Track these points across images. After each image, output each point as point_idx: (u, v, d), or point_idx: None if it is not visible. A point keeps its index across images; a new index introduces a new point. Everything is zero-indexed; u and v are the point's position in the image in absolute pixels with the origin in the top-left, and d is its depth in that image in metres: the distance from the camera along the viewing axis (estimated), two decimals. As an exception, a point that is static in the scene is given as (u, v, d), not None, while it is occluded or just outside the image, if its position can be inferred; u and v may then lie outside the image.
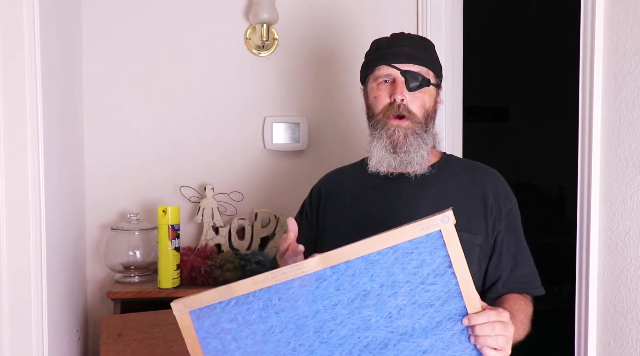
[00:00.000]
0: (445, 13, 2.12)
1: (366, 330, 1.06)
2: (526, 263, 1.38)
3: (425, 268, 1.05)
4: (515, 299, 1.32)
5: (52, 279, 1.51)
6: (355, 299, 1.06)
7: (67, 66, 1.85)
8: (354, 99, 2.19)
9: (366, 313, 1.06)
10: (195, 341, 1.07)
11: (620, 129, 1.40)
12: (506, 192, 1.40)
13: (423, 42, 1.44)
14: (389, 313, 1.06)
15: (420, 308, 1.06)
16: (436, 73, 1.42)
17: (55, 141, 1.60)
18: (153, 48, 2.09)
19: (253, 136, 2.15)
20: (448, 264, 1.04)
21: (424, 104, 1.38)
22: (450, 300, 1.06)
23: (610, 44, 1.43)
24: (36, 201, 1.39)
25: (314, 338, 1.07)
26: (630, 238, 1.38)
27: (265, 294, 1.05)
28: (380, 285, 1.05)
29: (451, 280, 1.05)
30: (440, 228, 1.03)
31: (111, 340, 1.63)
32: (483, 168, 1.44)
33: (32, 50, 1.37)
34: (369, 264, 1.05)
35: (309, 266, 1.04)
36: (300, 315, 1.06)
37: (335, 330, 1.06)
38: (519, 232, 1.39)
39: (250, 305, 1.06)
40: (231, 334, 1.07)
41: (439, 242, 1.04)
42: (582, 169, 1.51)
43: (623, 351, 1.39)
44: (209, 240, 2.07)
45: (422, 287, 1.05)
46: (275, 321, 1.06)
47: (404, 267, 1.05)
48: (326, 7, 2.17)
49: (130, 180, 2.09)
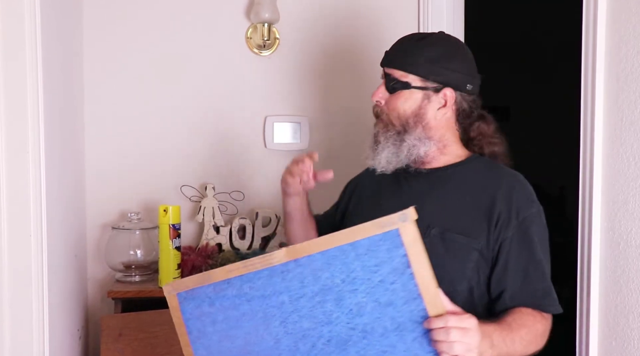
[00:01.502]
0: (446, 12, 2.11)
1: (328, 324, 1.07)
2: (539, 277, 1.30)
3: (384, 267, 1.04)
4: (522, 314, 1.26)
5: (53, 278, 1.51)
6: (317, 293, 1.07)
7: (68, 65, 1.85)
8: (355, 98, 2.19)
9: (328, 308, 1.07)
10: (181, 322, 1.17)
11: (622, 129, 1.40)
12: (522, 200, 1.32)
13: (417, 44, 1.39)
14: (350, 310, 1.06)
15: (380, 307, 1.05)
16: (423, 76, 1.37)
17: (56, 140, 1.60)
18: (154, 48, 2.09)
19: (254, 135, 2.15)
20: (407, 264, 1.03)
21: (396, 108, 1.39)
22: (411, 301, 1.04)
23: (613, 44, 1.43)
24: (37, 200, 1.39)
25: (280, 328, 1.09)
26: (632, 238, 1.37)
27: (238, 282, 1.11)
28: (342, 280, 1.06)
29: (410, 280, 1.03)
30: (398, 227, 1.02)
31: (112, 339, 1.63)
32: (504, 174, 1.38)
33: (33, 49, 1.37)
34: (330, 259, 1.06)
35: (276, 257, 1.08)
36: (268, 305, 1.10)
37: (299, 322, 1.08)
38: (532, 244, 1.31)
39: (225, 291, 1.12)
40: (210, 317, 1.14)
41: (397, 241, 1.03)
42: (583, 169, 1.51)
43: (625, 351, 1.39)
44: (209, 240, 2.07)
45: (382, 286, 1.04)
46: (246, 309, 1.11)
47: (364, 264, 1.05)
48: (327, 6, 2.16)
49: (131, 180, 2.09)
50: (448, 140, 1.42)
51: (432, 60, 1.37)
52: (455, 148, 1.43)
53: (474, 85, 1.41)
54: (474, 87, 1.41)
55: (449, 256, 1.32)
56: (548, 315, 1.30)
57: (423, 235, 1.33)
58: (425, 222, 1.35)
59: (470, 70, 1.41)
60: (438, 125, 1.40)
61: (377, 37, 2.17)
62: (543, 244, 1.33)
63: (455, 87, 1.38)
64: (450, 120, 1.41)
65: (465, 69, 1.40)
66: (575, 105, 1.53)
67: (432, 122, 1.39)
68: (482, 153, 1.45)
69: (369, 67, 2.16)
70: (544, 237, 1.34)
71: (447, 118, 1.40)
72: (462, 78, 1.38)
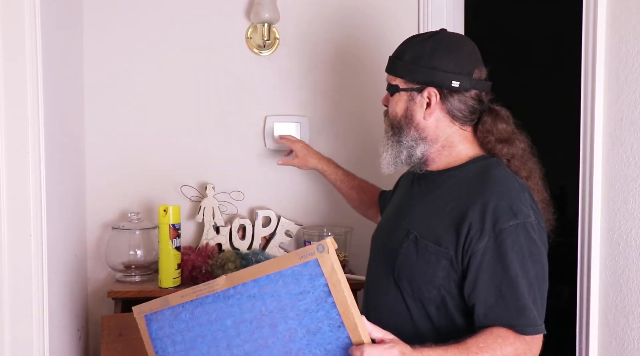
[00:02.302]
0: (446, 12, 2.11)
1: (265, 348, 1.13)
2: (512, 296, 1.20)
3: (308, 296, 1.08)
4: (490, 335, 1.19)
5: (53, 278, 1.51)
6: (255, 318, 1.13)
7: (68, 65, 1.85)
8: (355, 98, 2.19)
9: (265, 333, 1.13)
10: (148, 341, 1.27)
11: (622, 129, 1.40)
12: (503, 211, 1.22)
13: (402, 47, 1.42)
14: (283, 335, 1.11)
15: (310, 334, 1.09)
16: (404, 77, 1.37)
17: (56, 140, 1.60)
18: (154, 48, 2.09)
19: (254, 135, 2.15)
20: (328, 293, 1.07)
21: (391, 111, 1.43)
22: (335, 329, 1.08)
23: (613, 43, 1.43)
24: (37, 200, 1.39)
25: (227, 351, 1.17)
26: (632, 238, 1.37)
27: (190, 306, 1.19)
28: (274, 307, 1.11)
29: (332, 309, 1.07)
30: (317, 257, 1.06)
31: (112, 339, 1.64)
32: (492, 180, 1.30)
33: (33, 49, 1.37)
34: (261, 287, 1.12)
35: (218, 284, 1.16)
36: (215, 328, 1.17)
37: (242, 346, 1.15)
38: (507, 259, 1.20)
39: (180, 314, 1.21)
40: (170, 338, 1.23)
41: (317, 271, 1.07)
42: (583, 169, 1.51)
43: (624, 351, 1.39)
44: (209, 240, 2.07)
45: (309, 314, 1.09)
46: (199, 332, 1.19)
47: (290, 292, 1.09)
48: (327, 6, 2.16)
49: (131, 179, 2.09)
50: (451, 141, 1.38)
51: (414, 60, 1.36)
52: (461, 149, 1.39)
53: (463, 81, 1.33)
54: (463, 83, 1.33)
55: (420, 262, 1.31)
56: (530, 337, 1.21)
57: (404, 238, 1.35)
58: (407, 226, 1.36)
59: (460, 67, 1.34)
60: (430, 125, 1.37)
61: (377, 37, 2.17)
62: (526, 259, 1.22)
63: (439, 86, 1.34)
64: (444, 119, 1.37)
65: (452, 66, 1.33)
66: (576, 105, 1.53)
67: (422, 122, 1.38)
68: (494, 153, 1.37)
69: (369, 66, 2.17)
70: (530, 251, 1.23)
71: (438, 118, 1.37)
72: (446, 76, 1.33)
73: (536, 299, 1.23)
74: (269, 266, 1.10)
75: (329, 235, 2.07)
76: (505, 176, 1.32)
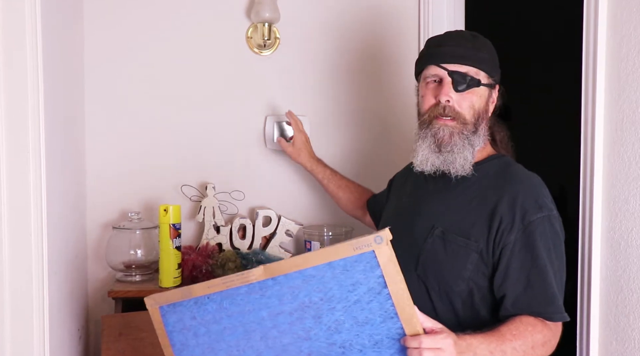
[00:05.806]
0: (446, 12, 2.11)
1: (307, 340, 1.10)
2: (542, 284, 1.26)
3: (361, 287, 1.06)
4: (521, 323, 1.24)
5: (53, 278, 1.51)
6: (296, 310, 1.10)
7: (69, 65, 1.85)
8: (356, 98, 2.19)
9: (307, 324, 1.10)
10: (164, 334, 1.20)
11: (623, 128, 1.40)
12: (529, 205, 1.29)
13: (474, 40, 1.39)
14: (328, 327, 1.09)
15: (358, 325, 1.08)
16: (488, 72, 1.39)
17: (56, 140, 1.60)
18: (154, 47, 2.09)
19: (254, 135, 2.15)
20: (383, 284, 1.05)
21: (472, 105, 1.37)
22: (388, 319, 1.07)
23: (614, 43, 1.43)
24: (37, 200, 1.39)
25: (260, 343, 1.13)
26: (633, 237, 1.37)
27: (218, 297, 1.14)
28: (319, 299, 1.08)
29: (387, 300, 1.06)
30: (374, 249, 1.04)
31: (112, 338, 1.63)
32: (515, 176, 1.36)
33: (33, 49, 1.37)
34: (307, 278, 1.08)
35: (254, 275, 1.11)
36: (248, 320, 1.13)
37: (279, 338, 1.12)
38: (536, 250, 1.27)
39: (206, 306, 1.16)
40: (192, 331, 1.18)
41: (373, 262, 1.05)
42: (584, 168, 1.51)
43: (625, 351, 1.39)
44: (210, 239, 2.07)
45: (359, 305, 1.07)
46: (227, 323, 1.15)
47: (341, 283, 1.07)
48: (328, 6, 2.16)
49: (132, 179, 2.09)
50: None
51: (492, 56, 1.41)
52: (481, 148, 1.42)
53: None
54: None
55: (448, 256, 1.32)
56: (554, 324, 1.27)
57: (427, 234, 1.35)
58: (431, 221, 1.36)
59: None
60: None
61: (378, 37, 2.17)
62: (551, 250, 1.28)
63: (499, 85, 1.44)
64: None
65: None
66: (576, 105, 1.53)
67: (487, 119, 1.42)
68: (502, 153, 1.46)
69: (369, 66, 2.16)
70: (554, 243, 1.29)
71: None
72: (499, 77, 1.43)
73: (560, 288, 1.29)
74: (317, 257, 1.07)
75: (330, 234, 2.07)
76: (525, 172, 1.38)
